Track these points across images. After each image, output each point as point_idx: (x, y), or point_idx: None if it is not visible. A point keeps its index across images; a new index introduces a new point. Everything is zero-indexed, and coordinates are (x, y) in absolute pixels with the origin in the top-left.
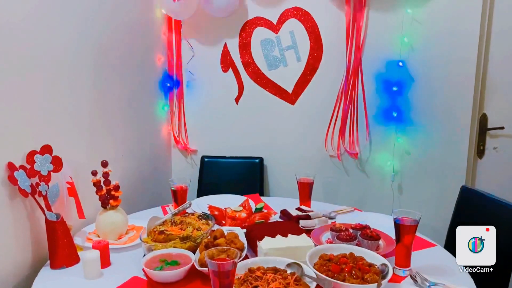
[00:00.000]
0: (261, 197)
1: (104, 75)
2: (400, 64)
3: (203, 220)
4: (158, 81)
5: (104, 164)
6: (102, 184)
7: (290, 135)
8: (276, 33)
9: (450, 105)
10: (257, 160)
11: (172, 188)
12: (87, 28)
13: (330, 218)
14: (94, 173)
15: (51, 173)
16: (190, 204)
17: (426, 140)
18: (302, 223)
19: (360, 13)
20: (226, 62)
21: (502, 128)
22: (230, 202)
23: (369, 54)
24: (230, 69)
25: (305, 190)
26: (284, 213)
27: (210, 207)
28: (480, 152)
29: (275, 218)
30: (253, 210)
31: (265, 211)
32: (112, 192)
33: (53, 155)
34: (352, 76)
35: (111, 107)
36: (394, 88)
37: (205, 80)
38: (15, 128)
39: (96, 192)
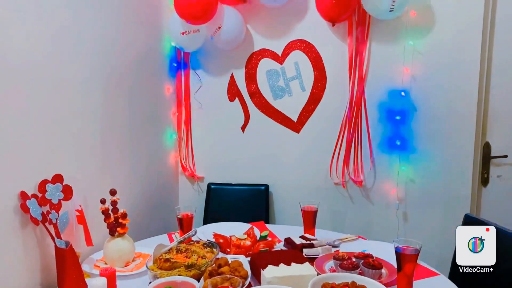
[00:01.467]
0: (266, 225)
1: (114, 105)
2: (403, 93)
3: (208, 248)
4: (167, 110)
5: (113, 192)
6: (110, 212)
7: (295, 162)
8: (281, 64)
9: (453, 133)
10: (262, 188)
11: (178, 216)
12: (99, 58)
13: (334, 246)
14: (103, 201)
15: (62, 201)
16: (195, 232)
17: (430, 168)
18: (306, 251)
19: (362, 44)
20: (233, 91)
21: (506, 156)
22: (235, 229)
23: (372, 84)
24: (237, 98)
25: (309, 218)
26: (288, 242)
27: (215, 235)
28: (484, 180)
29: (280, 246)
30: (258, 238)
31: (270, 239)
32: (120, 220)
33: (64, 184)
34: (355, 105)
35: (121, 136)
36: (397, 117)
37: (212, 109)
38: (28, 157)
39: (104, 220)
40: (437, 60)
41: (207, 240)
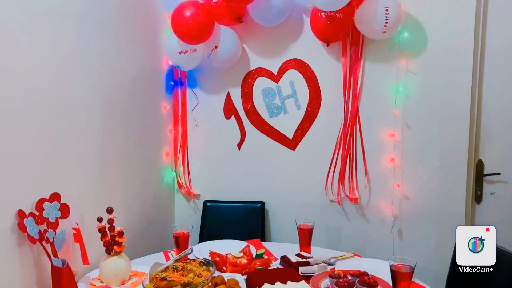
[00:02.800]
0: (262, 243)
1: (112, 123)
2: (396, 112)
3: (204, 267)
4: (164, 127)
5: (109, 210)
6: (107, 230)
7: (291, 180)
8: (277, 83)
9: (446, 151)
10: (258, 205)
11: (174, 234)
12: (97, 77)
13: (330, 264)
14: (100, 220)
15: (59, 219)
16: (191, 250)
17: (424, 186)
18: (302, 269)
19: (356, 64)
20: (229, 109)
21: (498, 174)
22: (232, 247)
23: (366, 102)
24: (233, 116)
25: (305, 236)
26: (284, 260)
27: (212, 253)
28: (477, 197)
29: (276, 264)
30: (254, 256)
31: (266, 257)
32: (117, 238)
33: (61, 202)
34: (350, 123)
35: (118, 153)
36: (391, 135)
37: (208, 127)
38: (25, 176)
39: (101, 238)
40: (429, 79)
41: (203, 258)
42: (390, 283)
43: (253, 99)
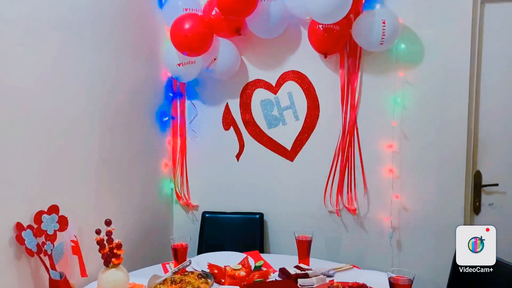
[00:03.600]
0: (261, 254)
1: (109, 135)
2: (394, 123)
3: (203, 279)
4: (163, 139)
5: (108, 222)
6: (105, 242)
7: (289, 191)
8: (275, 94)
9: (444, 162)
10: (257, 216)
11: (173, 246)
12: (95, 89)
13: (329, 276)
14: (98, 232)
15: (57, 232)
16: (190, 262)
17: (422, 197)
18: (301, 281)
19: (354, 75)
20: (228, 120)
21: (497, 185)
22: (230, 259)
23: (364, 113)
24: (232, 127)
25: (304, 248)
26: (283, 272)
27: (210, 265)
28: (476, 208)
29: (274, 276)
30: (252, 268)
31: (264, 269)
32: (115, 251)
33: (59, 214)
34: (348, 134)
35: (116, 165)
36: (389, 146)
37: (207, 138)
38: (24, 188)
39: (99, 250)
40: (426, 91)
41: (202, 270)
42: None
43: (251, 110)
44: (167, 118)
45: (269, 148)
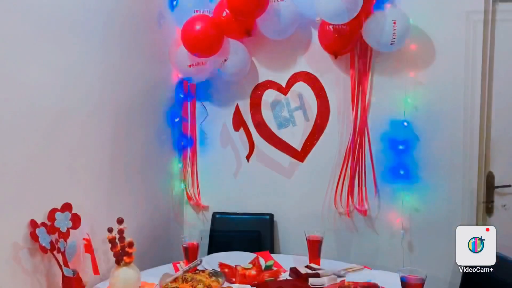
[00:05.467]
0: (271, 254)
1: (122, 135)
2: (405, 124)
3: (214, 278)
4: (173, 140)
5: (120, 221)
6: (117, 240)
7: (299, 192)
8: (285, 95)
9: (456, 163)
10: (267, 217)
11: (184, 245)
12: (108, 90)
13: (340, 276)
14: (110, 230)
15: (70, 230)
16: (201, 261)
17: (434, 197)
18: (311, 281)
19: (365, 76)
20: (238, 122)
21: (509, 186)
22: (241, 259)
23: (375, 114)
24: (242, 128)
25: (314, 248)
26: (294, 271)
27: (221, 265)
28: (489, 210)
29: (285, 276)
30: (263, 267)
31: (275, 268)
32: (126, 249)
33: (72, 212)
34: (358, 135)
35: (128, 165)
36: (400, 147)
37: (217, 139)
38: (38, 186)
39: (111, 249)
40: (438, 91)
41: (213, 269)
42: None
43: (261, 111)
44: (178, 119)
45: (279, 149)
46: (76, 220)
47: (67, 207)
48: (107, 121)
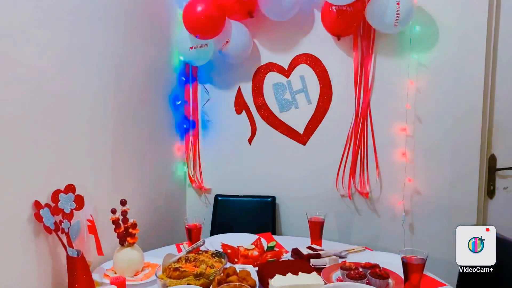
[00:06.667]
0: (273, 236)
1: (124, 118)
2: (408, 106)
3: (216, 258)
4: (175, 123)
5: (123, 202)
6: (120, 221)
7: (301, 174)
8: (287, 78)
9: (458, 146)
10: (269, 199)
11: (187, 226)
12: (111, 72)
13: (341, 257)
14: (113, 211)
15: (74, 211)
16: (203, 242)
17: (436, 180)
18: (313, 261)
19: (367, 58)
20: (240, 104)
21: (511, 168)
22: (243, 240)
23: (377, 96)
24: (244, 111)
25: (316, 229)
26: (296, 252)
27: (223, 245)
28: (490, 192)
29: (287, 256)
30: (265, 248)
31: (277, 249)
32: (130, 230)
33: (76, 194)
34: (361, 117)
35: (131, 147)
36: (403, 129)
37: (219, 122)
38: (41, 168)
39: (115, 230)
40: (441, 73)
41: (215, 250)
42: (402, 275)
43: (263, 94)
44: (180, 102)
45: (281, 132)
46: (79, 202)
47: (70, 188)
48: (110, 104)
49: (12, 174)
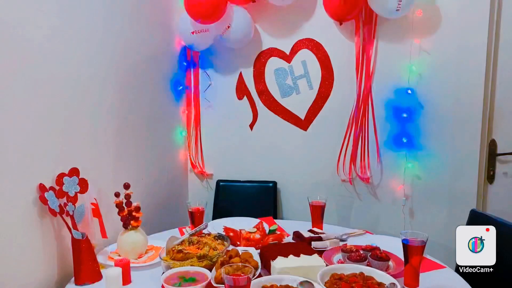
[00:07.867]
0: (275, 220)
1: (127, 102)
2: (409, 91)
3: (219, 240)
4: (177, 107)
5: (126, 186)
6: (124, 205)
7: (302, 160)
8: (289, 63)
9: (459, 131)
10: (270, 184)
11: (189, 210)
12: (113, 57)
13: (342, 240)
14: (117, 195)
15: (78, 194)
16: (206, 225)
17: (436, 165)
18: (314, 244)
19: (369, 43)
20: (241, 90)
21: (511, 154)
22: (245, 224)
23: (379, 82)
24: (245, 96)
25: (317, 213)
26: (297, 235)
27: (226, 229)
28: (490, 177)
29: (288, 239)
30: (267, 231)
31: (278, 232)
32: (133, 213)
33: (80, 177)
34: (362, 103)
35: (133, 132)
36: (404, 115)
37: (221, 107)
38: (46, 151)
39: (118, 213)
40: (443, 58)
41: (218, 233)
42: (402, 258)
43: (265, 79)
44: (181, 87)
45: (283, 118)
46: (83, 185)
47: (74, 171)
48: (112, 88)
49: (17, 158)
